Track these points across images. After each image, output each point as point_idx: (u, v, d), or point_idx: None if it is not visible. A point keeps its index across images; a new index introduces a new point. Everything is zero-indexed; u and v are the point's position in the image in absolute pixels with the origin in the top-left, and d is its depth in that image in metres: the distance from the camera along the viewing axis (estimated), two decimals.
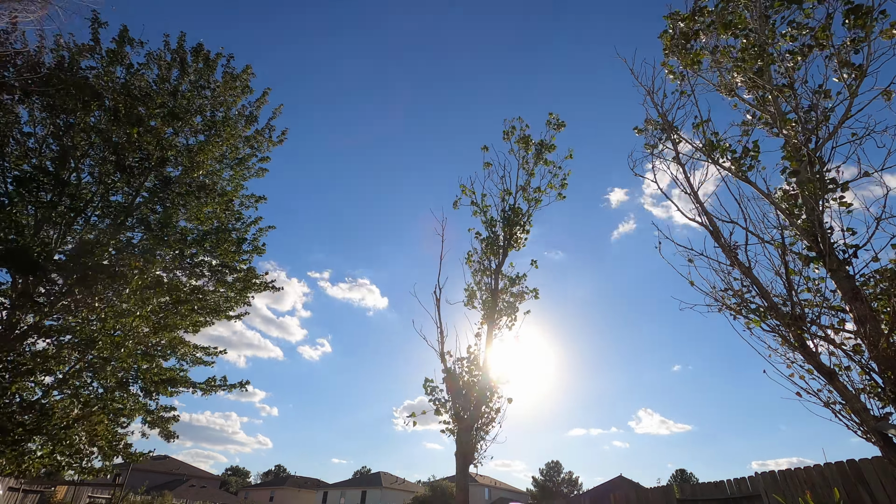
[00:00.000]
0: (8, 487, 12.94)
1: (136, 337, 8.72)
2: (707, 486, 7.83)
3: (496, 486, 54.10)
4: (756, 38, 5.06)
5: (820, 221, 4.40)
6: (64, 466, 8.02)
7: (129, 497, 22.17)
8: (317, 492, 55.91)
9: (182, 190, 9.50)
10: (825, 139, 4.58)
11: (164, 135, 9.31)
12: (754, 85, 5.14)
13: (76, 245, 8.56)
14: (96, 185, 9.05)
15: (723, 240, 4.96)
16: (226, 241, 10.00)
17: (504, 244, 9.06)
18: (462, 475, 7.43)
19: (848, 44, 4.58)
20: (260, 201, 11.36)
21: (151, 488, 38.35)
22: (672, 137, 5.73)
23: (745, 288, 4.83)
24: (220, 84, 10.22)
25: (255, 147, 11.09)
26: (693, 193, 5.33)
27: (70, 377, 8.42)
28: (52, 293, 8.15)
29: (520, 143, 9.44)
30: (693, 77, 5.67)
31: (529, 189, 9.31)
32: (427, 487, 40.92)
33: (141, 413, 9.30)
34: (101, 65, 8.94)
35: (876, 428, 3.77)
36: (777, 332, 4.51)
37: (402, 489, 50.22)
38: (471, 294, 9.04)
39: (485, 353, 8.22)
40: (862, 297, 4.17)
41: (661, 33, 5.95)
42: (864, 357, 4.14)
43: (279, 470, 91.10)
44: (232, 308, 10.68)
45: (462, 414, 7.67)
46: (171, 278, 9.70)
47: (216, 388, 10.14)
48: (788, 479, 6.68)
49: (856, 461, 6.04)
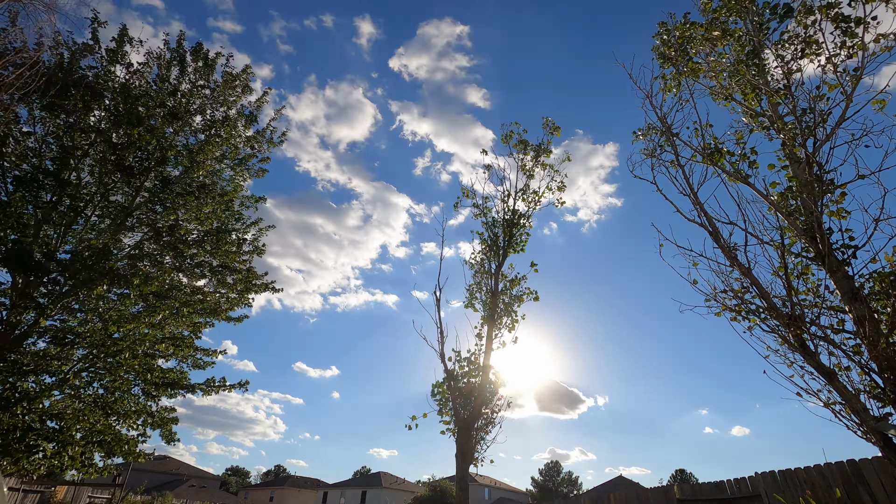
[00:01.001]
0: (8, 487, 12.94)
1: (143, 342, 8.76)
2: (707, 486, 7.85)
3: (496, 486, 54.12)
4: (749, 41, 5.11)
5: (819, 223, 4.41)
6: (66, 467, 8.04)
7: (129, 497, 22.16)
8: (317, 492, 55.92)
9: (182, 190, 9.51)
10: (823, 141, 4.60)
11: (164, 134, 9.32)
12: (751, 88, 5.17)
13: (81, 246, 8.58)
14: (96, 185, 9.06)
15: (722, 241, 4.97)
16: (226, 241, 10.02)
17: (504, 245, 9.09)
18: (462, 475, 7.45)
19: (840, 50, 4.63)
20: (260, 202, 11.39)
21: (151, 488, 38.36)
22: (671, 140, 5.76)
23: (744, 289, 4.85)
24: (220, 83, 10.24)
25: (255, 147, 11.11)
26: (693, 195, 5.35)
27: (71, 377, 8.44)
28: (53, 293, 8.17)
29: (518, 146, 9.51)
30: (691, 83, 5.75)
31: (528, 191, 9.35)
32: (427, 487, 40.93)
33: (143, 415, 9.31)
34: (100, 64, 8.95)
35: (876, 428, 3.78)
36: (777, 333, 4.52)
37: (402, 489, 50.23)
38: (471, 295, 9.08)
39: (485, 354, 8.24)
40: (861, 298, 4.19)
41: (654, 47, 6.12)
42: (864, 357, 4.15)
43: (279, 470, 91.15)
44: (232, 309, 10.70)
45: (462, 414, 7.69)
46: (171, 279, 9.72)
47: (216, 388, 10.16)
48: (788, 479, 6.69)
49: (856, 461, 6.06)
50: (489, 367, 8.09)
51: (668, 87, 6.04)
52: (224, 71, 10.32)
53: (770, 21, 5.21)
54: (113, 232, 8.90)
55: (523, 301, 8.88)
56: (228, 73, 10.35)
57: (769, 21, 5.22)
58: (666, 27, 6.21)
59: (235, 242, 10.36)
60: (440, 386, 8.12)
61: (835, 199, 4.55)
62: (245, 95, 10.65)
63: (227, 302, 10.55)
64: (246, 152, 10.98)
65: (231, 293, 10.54)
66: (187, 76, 9.89)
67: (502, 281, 8.89)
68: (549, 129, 9.50)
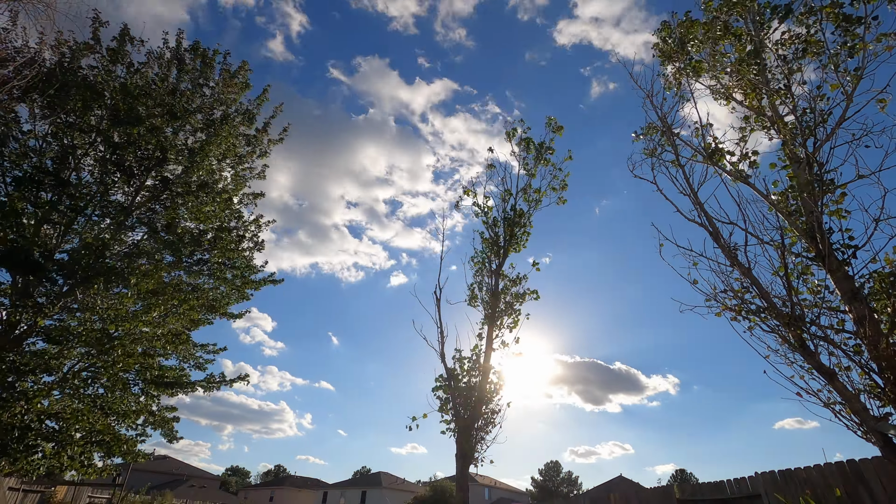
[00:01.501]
0: (8, 487, 12.94)
1: (141, 340, 8.76)
2: (707, 486, 7.84)
3: (496, 486, 54.11)
4: (750, 40, 5.11)
5: (819, 223, 4.41)
6: (66, 467, 8.04)
7: (129, 497, 22.15)
8: (317, 492, 55.90)
9: (182, 189, 9.51)
10: (823, 140, 4.59)
11: (164, 133, 9.32)
12: (751, 87, 5.17)
13: (80, 245, 8.58)
14: (96, 185, 9.05)
15: (722, 241, 4.97)
16: (225, 239, 10.03)
17: (505, 244, 9.08)
18: (462, 475, 7.45)
19: (840, 50, 4.63)
20: (258, 198, 11.42)
21: (151, 488, 38.34)
22: (672, 140, 5.76)
23: (744, 288, 4.84)
24: (219, 81, 10.24)
25: (255, 145, 11.11)
26: (693, 195, 5.35)
27: (70, 377, 8.44)
28: (52, 293, 8.16)
29: (521, 144, 9.49)
30: (692, 82, 5.75)
31: (530, 190, 9.34)
32: (427, 487, 40.93)
33: (143, 414, 9.32)
34: (101, 64, 8.95)
35: (876, 428, 3.78)
36: (777, 333, 4.52)
37: (402, 489, 50.21)
38: (472, 294, 9.06)
39: (485, 354, 8.23)
40: (861, 298, 4.19)
41: (654, 45, 6.12)
42: (864, 357, 4.15)
43: (279, 470, 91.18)
44: (231, 304, 10.72)
45: (462, 414, 7.69)
46: (171, 277, 9.72)
47: (216, 384, 10.19)
48: (788, 478, 6.69)
49: (856, 461, 6.05)
50: (490, 367, 8.09)
51: (669, 86, 6.02)
52: (222, 69, 10.32)
53: (771, 20, 5.21)
54: (113, 231, 8.90)
55: (524, 300, 8.87)
56: (227, 71, 10.36)
57: (770, 20, 5.22)
58: (668, 27, 6.21)
59: (235, 240, 10.37)
60: (440, 386, 8.11)
61: (835, 199, 4.55)
62: (244, 92, 10.66)
63: (225, 297, 10.58)
64: (246, 150, 10.98)
65: (230, 289, 10.55)
66: (186, 75, 9.90)
67: (503, 280, 8.88)
68: (553, 127, 9.49)
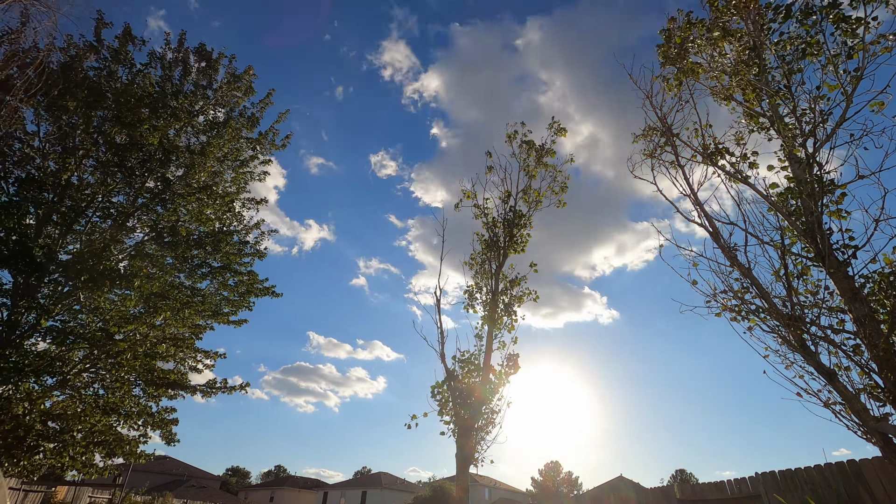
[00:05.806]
0: (9, 487, 12.95)
1: (144, 343, 8.77)
2: (707, 487, 7.84)
3: (496, 487, 54.07)
4: (750, 41, 5.12)
5: (819, 223, 4.42)
6: (67, 467, 8.05)
7: (129, 497, 22.16)
8: (317, 492, 55.87)
9: (183, 191, 9.51)
10: (823, 141, 4.60)
11: (167, 135, 9.33)
12: (751, 88, 5.18)
13: (83, 246, 8.59)
14: (98, 186, 9.07)
15: (722, 241, 4.98)
16: (227, 243, 10.02)
17: (504, 246, 9.08)
18: (462, 476, 7.45)
19: (840, 50, 4.63)
20: (260, 204, 11.39)
21: (152, 489, 38.33)
22: (671, 141, 5.76)
23: (744, 289, 4.85)
24: (223, 84, 10.25)
25: (258, 150, 11.10)
26: (693, 195, 5.36)
27: (72, 378, 8.45)
28: (54, 294, 8.17)
29: (522, 146, 9.49)
30: (692, 83, 5.75)
31: (530, 191, 9.34)
32: (427, 488, 40.90)
33: (143, 415, 9.32)
34: (104, 65, 8.96)
35: (876, 428, 3.79)
36: (777, 333, 4.53)
37: (402, 489, 50.19)
38: (471, 295, 9.07)
39: (485, 354, 8.24)
40: (861, 298, 4.19)
41: (658, 46, 6.10)
42: (864, 357, 4.16)
43: (279, 470, 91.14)
44: (234, 312, 10.68)
45: (462, 415, 7.69)
46: (173, 280, 9.73)
47: (217, 390, 10.17)
48: (788, 479, 6.69)
49: (856, 461, 6.05)
50: (489, 368, 8.09)
51: (670, 87, 6.02)
52: (227, 72, 10.33)
53: (771, 22, 5.22)
54: (114, 232, 8.91)
55: (523, 301, 8.88)
56: (231, 74, 10.37)
57: (770, 21, 5.23)
58: (670, 28, 6.18)
59: (236, 245, 10.36)
60: (440, 386, 8.11)
61: (835, 200, 4.56)
62: (248, 96, 10.66)
63: (228, 304, 10.55)
64: (248, 154, 10.98)
65: (232, 296, 10.53)
66: (190, 76, 9.91)
67: (503, 281, 8.89)
68: (555, 130, 9.46)
